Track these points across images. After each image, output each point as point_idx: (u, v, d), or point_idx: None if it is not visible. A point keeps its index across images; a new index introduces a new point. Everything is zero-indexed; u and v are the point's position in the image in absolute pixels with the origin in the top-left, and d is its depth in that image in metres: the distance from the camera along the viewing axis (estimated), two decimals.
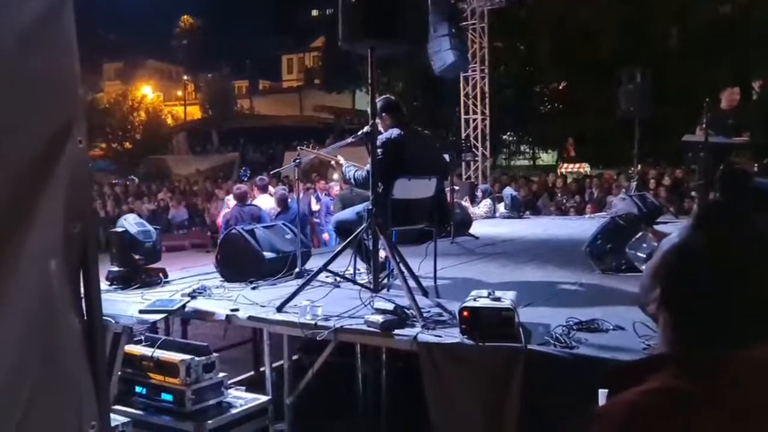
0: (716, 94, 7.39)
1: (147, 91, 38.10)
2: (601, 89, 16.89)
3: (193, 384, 3.11)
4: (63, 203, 1.37)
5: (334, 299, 3.74)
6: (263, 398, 3.38)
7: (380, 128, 4.15)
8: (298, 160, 4.49)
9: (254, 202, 8.39)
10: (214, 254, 4.94)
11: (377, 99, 4.12)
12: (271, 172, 7.47)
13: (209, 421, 3.07)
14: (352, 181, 4.26)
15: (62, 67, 1.37)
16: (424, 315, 3.21)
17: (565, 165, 17.23)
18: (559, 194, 12.33)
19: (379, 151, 3.87)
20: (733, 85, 7.40)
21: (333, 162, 4.59)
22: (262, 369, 5.14)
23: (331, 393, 4.32)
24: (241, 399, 3.33)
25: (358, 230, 3.82)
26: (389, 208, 3.86)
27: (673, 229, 5.74)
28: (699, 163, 7.31)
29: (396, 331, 3.06)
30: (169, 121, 38.41)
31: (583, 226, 8.25)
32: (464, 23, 13.30)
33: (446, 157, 5.35)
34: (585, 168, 16.16)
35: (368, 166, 3.95)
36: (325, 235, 9.95)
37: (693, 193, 10.17)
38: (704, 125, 6.52)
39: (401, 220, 4.02)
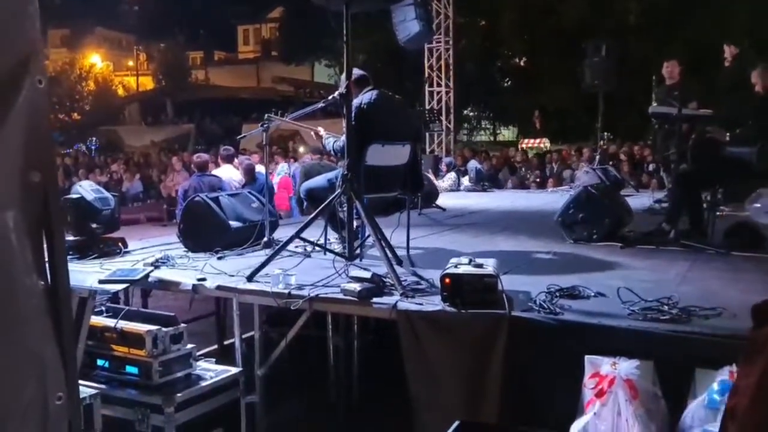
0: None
1: (96, 60, 36.49)
2: (562, 64, 16.97)
3: (160, 356, 2.95)
4: (21, 149, 1.20)
5: (307, 268, 3.61)
6: (234, 370, 3.24)
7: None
8: (266, 125, 4.29)
9: (216, 173, 8.11)
10: (177, 224, 4.73)
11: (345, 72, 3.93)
12: (237, 137, 7.18)
13: (178, 394, 2.92)
14: (332, 152, 4.10)
15: None
16: (403, 283, 3.11)
17: (526, 140, 17.33)
18: (523, 169, 12.41)
19: (353, 114, 3.71)
20: (689, 58, 7.45)
21: (313, 133, 4.42)
22: (226, 342, 5.01)
23: (302, 365, 4.22)
24: (211, 371, 3.19)
25: (332, 197, 3.68)
26: (362, 175, 3.73)
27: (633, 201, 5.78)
28: (659, 136, 7.38)
29: (374, 300, 2.96)
30: (120, 91, 36.95)
31: (546, 199, 8.34)
32: None
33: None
34: (545, 143, 16.31)
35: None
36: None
37: (653, 166, 10.36)
38: (653, 98, 6.59)
39: (374, 187, 3.89)
